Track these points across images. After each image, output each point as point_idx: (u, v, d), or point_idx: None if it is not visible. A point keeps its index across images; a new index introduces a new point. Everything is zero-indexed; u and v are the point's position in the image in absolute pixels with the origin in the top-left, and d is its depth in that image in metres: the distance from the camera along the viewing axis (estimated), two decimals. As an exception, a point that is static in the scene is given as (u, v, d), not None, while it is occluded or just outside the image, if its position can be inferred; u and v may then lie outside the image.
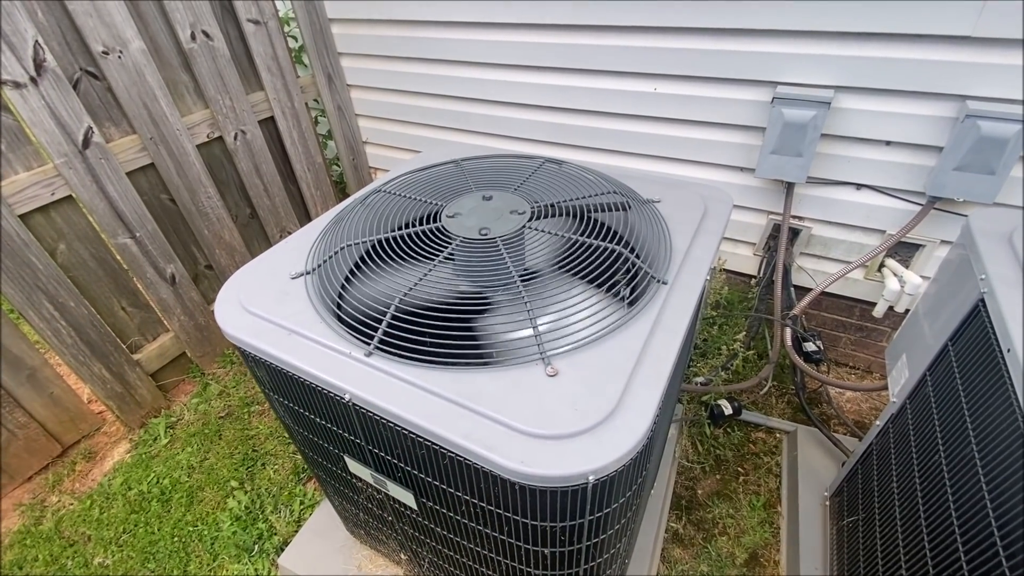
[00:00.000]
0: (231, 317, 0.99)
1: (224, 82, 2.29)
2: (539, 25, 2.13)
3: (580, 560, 0.95)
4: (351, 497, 1.29)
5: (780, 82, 1.82)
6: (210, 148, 2.36)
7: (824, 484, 1.78)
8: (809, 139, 1.79)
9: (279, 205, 2.72)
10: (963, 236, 1.18)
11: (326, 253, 1.09)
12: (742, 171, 2.08)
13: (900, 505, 1.18)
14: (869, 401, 2.26)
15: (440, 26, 2.37)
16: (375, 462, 1.00)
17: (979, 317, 1.02)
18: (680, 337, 0.89)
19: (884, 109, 1.73)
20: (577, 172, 1.32)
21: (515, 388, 0.80)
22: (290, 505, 1.98)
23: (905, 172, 1.81)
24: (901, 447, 1.26)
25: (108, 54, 1.89)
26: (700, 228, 1.17)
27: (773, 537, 1.79)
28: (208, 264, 2.51)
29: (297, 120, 2.68)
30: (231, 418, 2.37)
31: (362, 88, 2.86)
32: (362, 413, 0.86)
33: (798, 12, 1.68)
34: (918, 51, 1.60)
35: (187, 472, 2.15)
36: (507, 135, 2.53)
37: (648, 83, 2.06)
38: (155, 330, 2.38)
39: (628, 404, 0.78)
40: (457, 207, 1.15)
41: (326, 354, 0.89)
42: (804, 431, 2.03)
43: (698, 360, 2.19)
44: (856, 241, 2.03)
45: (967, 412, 0.99)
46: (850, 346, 2.36)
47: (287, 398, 1.04)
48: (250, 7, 2.32)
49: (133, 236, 2.12)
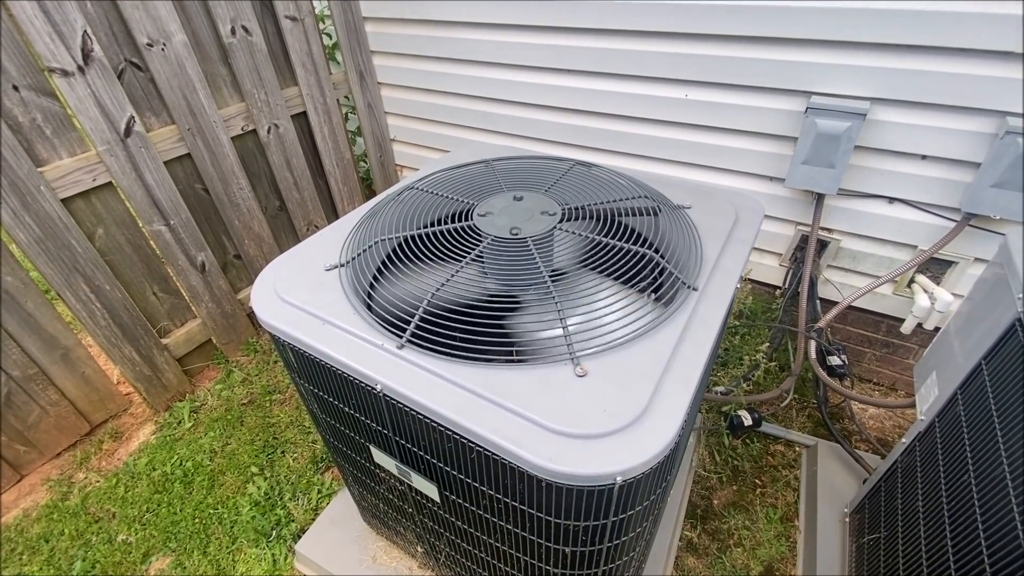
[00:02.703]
0: (267, 305, 1.02)
1: (260, 76, 2.34)
2: (569, 28, 2.14)
3: (600, 561, 0.95)
4: (372, 487, 1.31)
5: (815, 92, 1.80)
6: (244, 140, 2.41)
7: (844, 500, 1.75)
8: (843, 150, 1.77)
9: (307, 199, 2.77)
10: (1000, 255, 1.16)
11: (361, 246, 1.11)
12: (771, 180, 2.06)
13: (925, 525, 1.16)
14: (892, 419, 2.22)
15: (471, 27, 2.39)
16: (401, 453, 1.02)
17: (1015, 337, 1.00)
18: (710, 344, 0.89)
19: (921, 123, 1.70)
20: (607, 175, 1.32)
21: (544, 386, 0.81)
22: (308, 493, 2.02)
23: (940, 187, 1.77)
24: (928, 466, 1.24)
25: (152, 46, 1.95)
26: (731, 236, 1.17)
27: (789, 551, 1.77)
28: (236, 254, 2.57)
29: (328, 116, 2.72)
30: (253, 405, 2.42)
31: (392, 86, 2.90)
32: (392, 404, 0.88)
33: (835, 22, 1.66)
34: (959, 65, 1.57)
35: (209, 456, 2.20)
36: (534, 137, 2.54)
37: (679, 89, 2.05)
38: (183, 316, 2.44)
39: (657, 407, 0.78)
40: (488, 206, 1.17)
41: (359, 345, 0.91)
42: (825, 446, 2.00)
43: (719, 369, 2.18)
44: (886, 255, 2.00)
45: (1000, 433, 0.97)
46: (875, 362, 2.32)
47: (317, 386, 1.06)
48: (288, 4, 2.37)
49: (167, 223, 2.18)
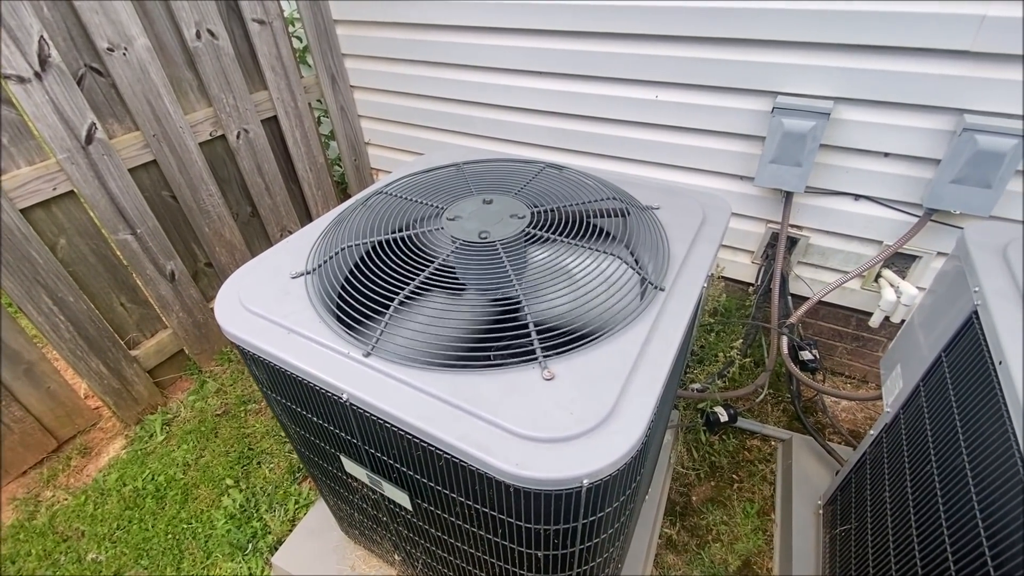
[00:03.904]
0: (231, 315, 1.00)
1: (228, 81, 2.30)
2: (543, 31, 2.14)
3: (573, 563, 0.95)
4: (346, 497, 1.29)
5: (780, 92, 1.84)
6: (212, 146, 2.37)
7: (818, 492, 1.79)
8: (808, 149, 1.81)
9: (280, 204, 2.73)
10: (958, 248, 1.19)
11: (327, 253, 1.10)
12: (741, 179, 2.09)
13: (892, 515, 1.19)
14: (864, 411, 2.27)
15: (444, 30, 2.38)
16: (371, 462, 1.00)
17: (972, 329, 1.03)
18: (676, 344, 0.90)
19: (883, 121, 1.74)
20: (577, 177, 1.33)
21: (512, 391, 0.81)
22: (285, 504, 1.98)
23: (903, 184, 1.82)
24: (894, 457, 1.26)
25: (113, 51, 1.90)
26: (698, 235, 1.18)
27: (766, 545, 1.80)
28: (208, 262, 2.52)
29: (300, 120, 2.69)
30: (227, 416, 2.37)
31: (365, 89, 2.87)
32: (359, 413, 0.87)
33: (800, 23, 1.69)
34: (918, 64, 1.62)
35: (182, 469, 2.15)
36: (509, 139, 2.54)
37: (650, 90, 2.07)
38: (153, 327, 2.39)
39: (623, 409, 0.79)
40: (458, 210, 1.16)
41: (324, 354, 0.90)
42: (799, 439, 2.04)
43: (695, 366, 2.20)
44: (853, 251, 2.04)
45: (959, 423, 1.00)
46: (846, 355, 2.37)
47: (285, 397, 1.05)
48: (255, 7, 2.33)
49: (134, 232, 2.12)
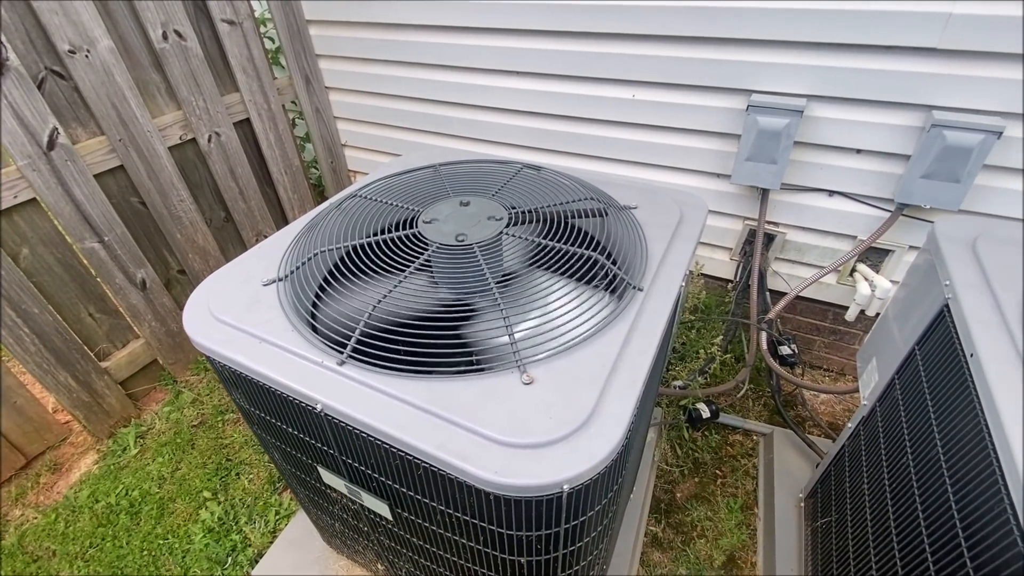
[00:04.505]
0: (200, 325, 0.97)
1: (197, 83, 2.24)
2: (518, 30, 2.13)
3: (557, 568, 0.94)
4: (326, 508, 1.27)
5: (755, 90, 1.86)
6: (183, 150, 2.31)
7: (799, 485, 1.81)
8: (783, 146, 1.83)
9: (255, 209, 2.67)
10: (929, 242, 1.21)
11: (299, 259, 1.07)
12: (719, 177, 2.11)
13: (871, 506, 1.20)
14: (843, 403, 2.31)
15: (420, 29, 2.36)
16: (349, 473, 0.98)
17: (944, 322, 1.05)
18: (655, 344, 0.89)
19: (855, 118, 1.77)
20: (555, 178, 1.32)
21: (490, 396, 0.80)
22: (265, 516, 1.94)
23: (875, 179, 1.85)
24: (871, 449, 1.28)
25: (75, 53, 1.84)
26: (676, 234, 1.18)
27: (750, 539, 1.81)
28: (181, 269, 2.45)
29: (274, 122, 2.63)
30: (204, 427, 2.31)
31: (341, 90, 2.83)
32: (335, 423, 0.85)
33: (773, 22, 1.71)
34: (887, 62, 1.65)
35: (158, 483, 2.09)
36: (487, 139, 2.52)
37: (627, 90, 2.07)
38: (124, 337, 2.31)
39: (603, 411, 0.78)
40: (434, 212, 1.14)
41: (298, 363, 0.87)
42: (780, 433, 2.06)
43: (676, 364, 2.21)
44: (829, 246, 2.08)
45: (933, 415, 1.01)
46: (824, 349, 2.40)
47: (259, 408, 1.02)
48: (224, 7, 2.27)
49: (101, 240, 2.05)
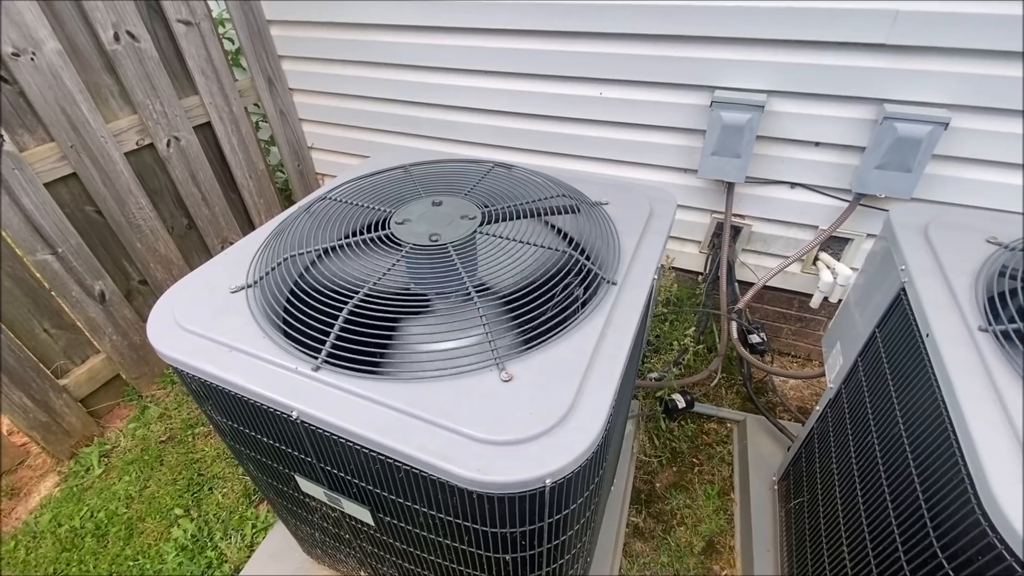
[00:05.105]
0: (165, 336, 0.93)
1: (153, 86, 2.16)
2: (484, 29, 2.13)
3: (542, 563, 0.95)
4: (305, 517, 1.24)
5: (718, 87, 1.90)
6: (140, 156, 2.22)
7: (772, 469, 1.86)
8: (746, 141, 1.88)
9: (219, 215, 2.59)
10: (885, 230, 1.27)
11: (268, 265, 1.04)
12: (686, 172, 2.16)
13: (840, 485, 1.25)
14: (811, 388, 2.39)
15: (384, 29, 2.33)
16: (328, 480, 0.96)
17: (901, 305, 1.10)
18: (630, 336, 0.91)
19: (812, 112, 1.84)
20: (527, 176, 1.32)
21: (470, 395, 0.79)
22: (241, 530, 1.88)
23: (833, 171, 1.92)
24: (839, 430, 1.33)
25: (19, 56, 1.75)
26: (647, 228, 1.20)
27: (728, 524, 1.86)
28: (142, 279, 2.36)
29: (236, 125, 2.56)
30: (173, 442, 2.23)
31: (305, 92, 2.77)
32: (311, 430, 0.83)
33: (733, 19, 1.75)
34: (841, 58, 1.71)
35: (125, 503, 2.01)
36: (456, 139, 2.51)
37: (594, 88, 2.10)
38: (84, 352, 2.22)
39: (582, 405, 0.79)
40: (406, 213, 1.13)
41: (271, 370, 0.85)
42: (753, 419, 2.12)
43: (652, 356, 2.25)
44: (793, 237, 2.15)
45: (894, 394, 1.06)
46: (791, 336, 2.48)
47: (231, 419, 0.99)
48: (180, 7, 2.20)
49: (54, 252, 1.96)
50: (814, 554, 1.32)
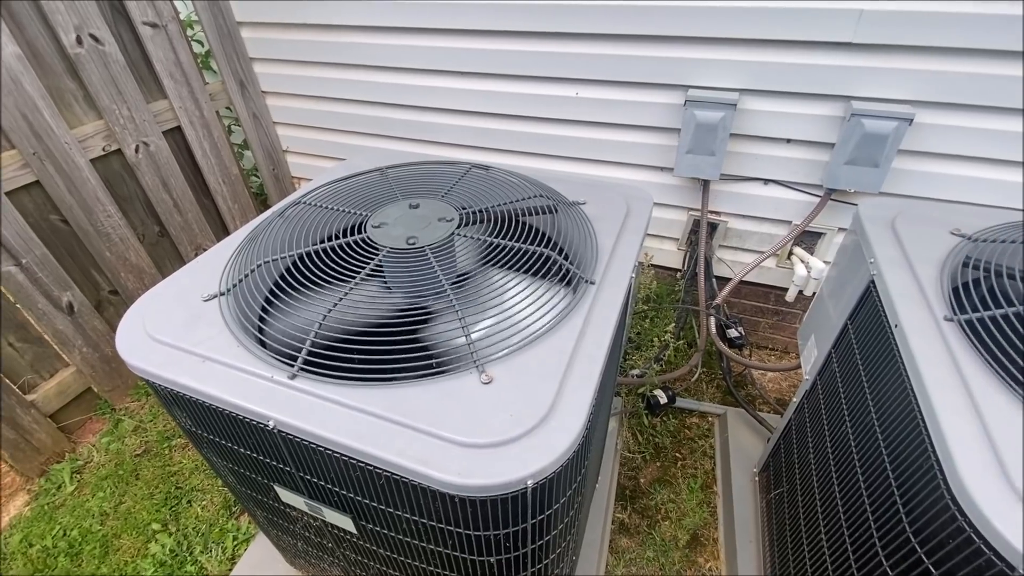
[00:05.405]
0: (136, 347, 0.91)
1: (119, 90, 2.10)
2: (459, 30, 2.12)
3: (527, 564, 0.95)
4: (286, 527, 1.22)
5: (691, 85, 1.93)
6: (107, 162, 2.16)
7: (753, 461, 1.90)
8: (720, 139, 1.91)
9: (192, 221, 2.54)
10: (854, 223, 1.30)
11: (242, 271, 1.02)
12: (662, 171, 2.18)
13: (817, 475, 1.28)
14: (788, 380, 2.44)
15: (357, 31, 2.30)
16: (308, 489, 0.95)
17: (871, 297, 1.13)
18: (609, 335, 0.91)
19: (783, 110, 1.87)
20: (504, 177, 1.32)
21: (449, 399, 0.79)
22: (222, 542, 1.85)
23: (805, 167, 1.97)
24: (815, 421, 1.36)
25: (-25, 60, 1.69)
26: (624, 227, 1.21)
27: (711, 516, 1.88)
28: (113, 289, 2.30)
29: (208, 130, 2.51)
30: (149, 455, 2.17)
31: (279, 94, 2.73)
32: (289, 439, 0.82)
33: (706, 19, 1.78)
34: (809, 56, 1.75)
35: (99, 520, 1.95)
36: (433, 140, 2.50)
37: (570, 88, 2.11)
38: (52, 366, 2.15)
39: (562, 404, 0.79)
40: (383, 216, 1.12)
41: (246, 380, 0.84)
42: (733, 413, 2.15)
43: (633, 353, 2.27)
44: (767, 232, 2.18)
45: (866, 385, 1.09)
46: (769, 329, 2.53)
47: (207, 430, 0.97)
48: (146, 9, 2.14)
49: (18, 263, 1.89)
50: (794, 544, 1.35)
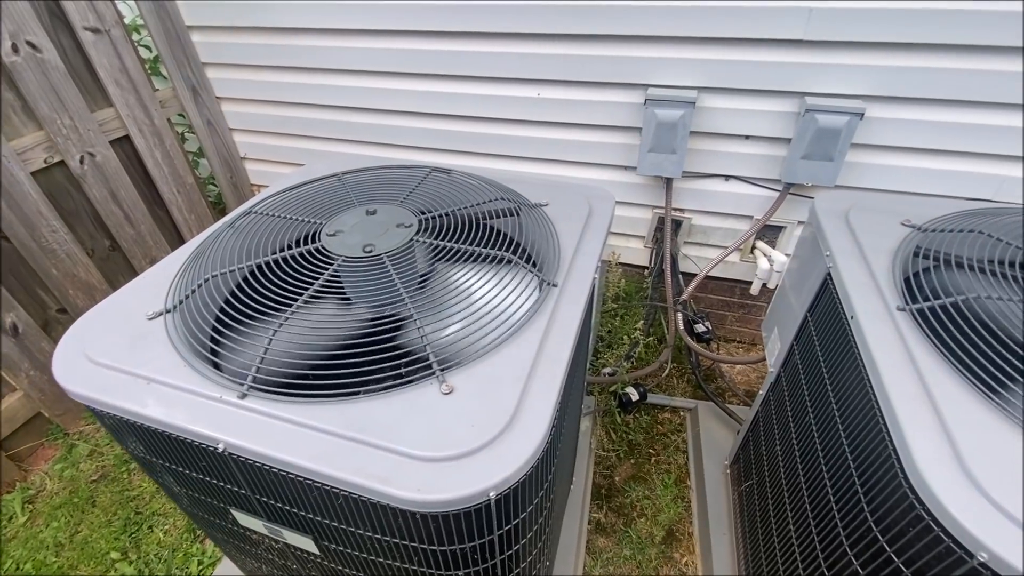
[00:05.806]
0: (73, 372, 0.85)
1: (60, 99, 2.00)
2: (418, 32, 2.09)
3: (499, 574, 0.93)
4: (249, 551, 1.17)
5: (651, 84, 1.94)
6: (50, 175, 2.05)
7: (724, 453, 1.92)
8: (680, 136, 1.93)
9: (146, 233, 2.43)
10: (811, 217, 1.32)
11: (189, 287, 0.98)
12: (625, 169, 2.19)
13: (784, 466, 1.30)
14: (757, 372, 2.48)
15: (313, 33, 2.25)
16: (266, 511, 0.91)
17: (828, 288, 1.15)
18: (572, 337, 0.90)
19: (741, 107, 1.90)
20: (465, 180, 1.30)
21: (409, 411, 0.77)
22: (187, 568, 1.77)
23: (763, 162, 2.00)
24: (780, 413, 1.38)
25: None
26: (587, 227, 1.21)
27: (686, 511, 1.90)
28: (61, 308, 2.18)
29: (159, 138, 2.41)
30: (106, 480, 2.07)
31: (234, 100, 2.64)
32: (241, 462, 0.78)
33: (661, 18, 1.79)
34: (763, 53, 1.78)
35: (54, 551, 1.85)
36: (395, 143, 2.46)
37: (532, 89, 2.10)
38: (-4, 391, 2.03)
39: (525, 410, 0.77)
40: (339, 224, 1.09)
41: (193, 402, 0.80)
42: (704, 406, 2.18)
43: (604, 351, 2.28)
44: (730, 227, 2.22)
45: (827, 376, 1.11)
46: (735, 323, 2.57)
47: (155, 455, 0.92)
48: (87, 13, 2.05)
49: (-47, 284, 1.78)
50: (765, 534, 1.37)
